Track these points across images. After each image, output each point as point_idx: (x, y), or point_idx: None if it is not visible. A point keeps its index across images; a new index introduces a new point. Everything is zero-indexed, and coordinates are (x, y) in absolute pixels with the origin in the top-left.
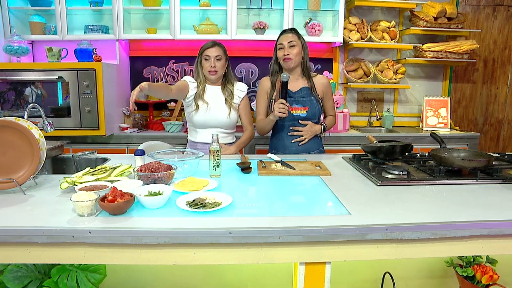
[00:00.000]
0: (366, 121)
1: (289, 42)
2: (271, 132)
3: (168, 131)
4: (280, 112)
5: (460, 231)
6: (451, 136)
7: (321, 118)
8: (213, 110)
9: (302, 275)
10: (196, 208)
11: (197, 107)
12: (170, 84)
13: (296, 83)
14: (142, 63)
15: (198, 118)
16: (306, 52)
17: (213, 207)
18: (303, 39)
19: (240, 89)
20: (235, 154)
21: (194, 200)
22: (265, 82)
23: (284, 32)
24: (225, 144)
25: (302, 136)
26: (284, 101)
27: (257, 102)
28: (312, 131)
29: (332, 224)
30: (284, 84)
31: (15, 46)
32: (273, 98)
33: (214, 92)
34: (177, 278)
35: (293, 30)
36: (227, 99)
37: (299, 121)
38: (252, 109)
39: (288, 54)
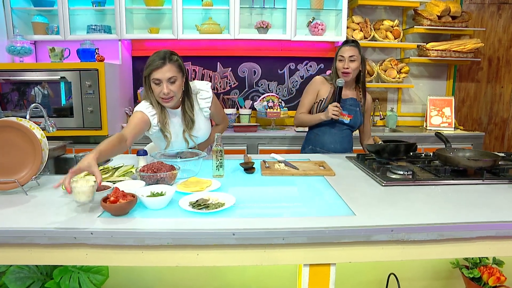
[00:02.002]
0: (370, 120)
1: (350, 56)
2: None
3: None
4: (333, 114)
5: (467, 232)
6: (455, 136)
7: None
8: (182, 139)
9: (306, 277)
10: (199, 209)
11: (168, 142)
12: (125, 129)
13: (346, 92)
14: (144, 63)
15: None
16: (364, 66)
17: (216, 208)
18: (363, 54)
19: (204, 97)
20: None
21: (197, 200)
22: (319, 82)
23: (346, 43)
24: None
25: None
26: (338, 104)
27: (304, 96)
28: None
29: (337, 225)
30: (339, 88)
31: (17, 46)
32: (323, 98)
33: (176, 118)
34: (180, 279)
35: (354, 43)
36: (185, 130)
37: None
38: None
39: (347, 68)
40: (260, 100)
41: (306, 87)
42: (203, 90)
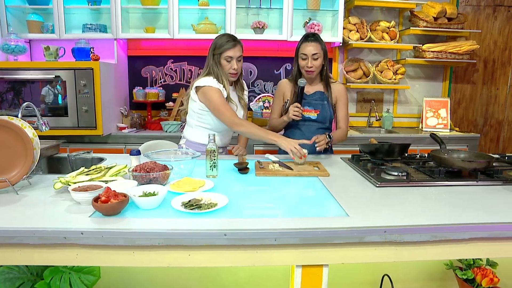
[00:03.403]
0: (366, 121)
1: (313, 55)
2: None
3: (166, 131)
4: (294, 115)
5: (460, 233)
6: (451, 137)
7: (333, 124)
8: (240, 107)
9: (299, 278)
10: (192, 209)
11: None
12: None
13: (312, 87)
14: (140, 63)
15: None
16: (327, 59)
17: (208, 208)
18: (324, 46)
19: (245, 88)
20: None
21: (189, 201)
22: (284, 84)
23: (307, 39)
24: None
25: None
26: (299, 105)
27: (273, 101)
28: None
29: (330, 226)
30: (301, 89)
31: (12, 44)
32: (287, 100)
33: (232, 93)
34: (172, 279)
35: (316, 38)
36: (240, 97)
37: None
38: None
39: (311, 67)
40: (256, 101)
41: (275, 92)
42: (244, 84)
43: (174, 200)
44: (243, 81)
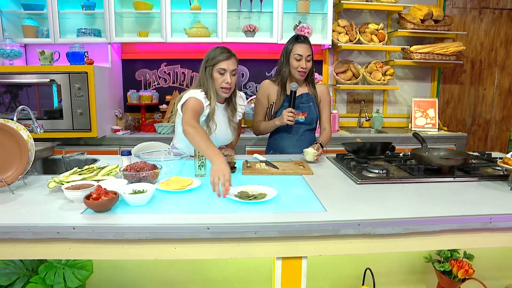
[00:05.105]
0: (356, 122)
1: (307, 56)
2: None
3: (159, 133)
4: (289, 121)
5: (431, 226)
6: (439, 137)
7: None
8: (220, 133)
9: (279, 270)
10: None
11: (210, 131)
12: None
13: (299, 89)
14: (134, 66)
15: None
16: (313, 61)
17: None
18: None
19: (240, 103)
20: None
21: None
22: (267, 86)
23: (298, 40)
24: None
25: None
26: (293, 110)
27: (256, 104)
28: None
29: (307, 220)
30: (293, 93)
31: (7, 49)
32: (273, 102)
33: (219, 111)
34: (163, 274)
35: (307, 40)
36: (230, 120)
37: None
38: None
39: (305, 68)
40: (248, 102)
41: (257, 94)
42: (241, 97)
43: (163, 199)
44: (239, 99)
